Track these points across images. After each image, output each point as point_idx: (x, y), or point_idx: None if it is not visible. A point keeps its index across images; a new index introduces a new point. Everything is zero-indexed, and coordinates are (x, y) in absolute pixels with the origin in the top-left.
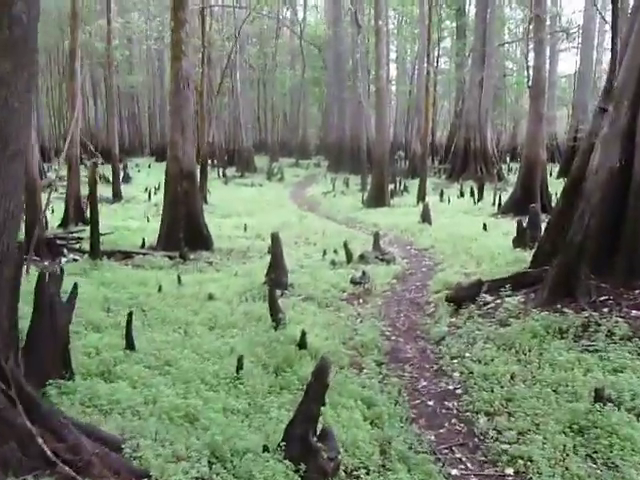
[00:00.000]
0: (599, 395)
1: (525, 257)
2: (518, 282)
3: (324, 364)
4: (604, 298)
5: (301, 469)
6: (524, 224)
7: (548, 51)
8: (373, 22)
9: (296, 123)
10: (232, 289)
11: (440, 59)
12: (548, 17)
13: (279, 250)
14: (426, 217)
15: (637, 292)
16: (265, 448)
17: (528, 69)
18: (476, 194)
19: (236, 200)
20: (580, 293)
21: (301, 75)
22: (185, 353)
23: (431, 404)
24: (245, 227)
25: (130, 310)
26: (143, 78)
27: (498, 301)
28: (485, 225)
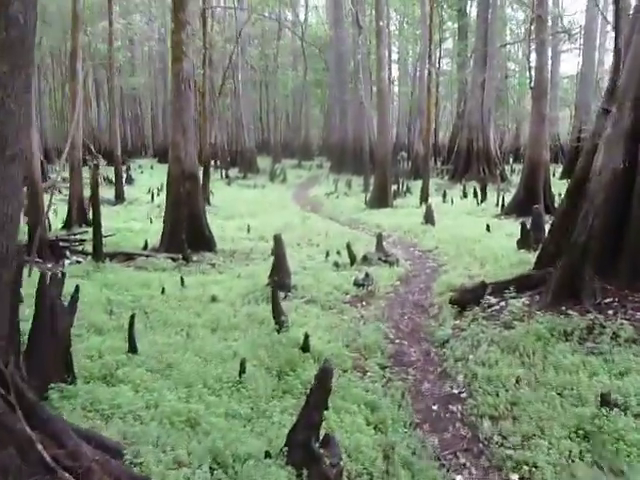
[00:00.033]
0: (605, 399)
1: (529, 259)
2: (522, 284)
3: (327, 368)
4: (609, 300)
5: (303, 475)
6: (528, 225)
7: (550, 52)
8: (374, 23)
9: (298, 124)
10: (235, 291)
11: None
12: (550, 18)
13: (282, 252)
14: (429, 218)
15: None
16: (267, 454)
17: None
18: (479, 195)
19: (239, 201)
20: (585, 295)
21: (303, 76)
22: (187, 356)
23: (435, 408)
24: (248, 228)
25: (133, 313)
26: (145, 80)
27: (502, 303)
28: (488, 226)
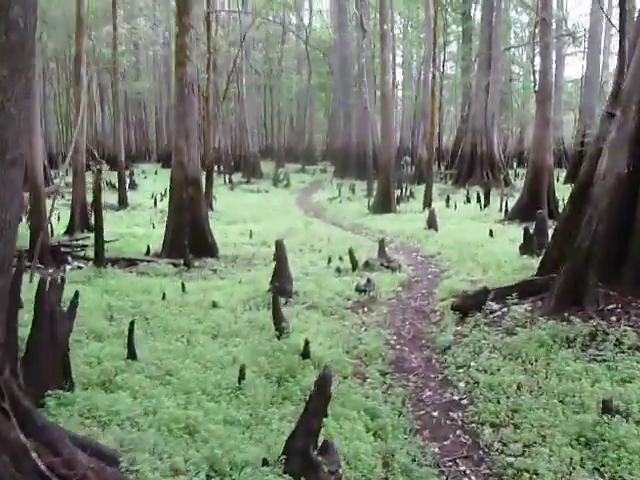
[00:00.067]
0: (607, 406)
1: (532, 264)
2: (525, 290)
3: (326, 375)
4: (612, 306)
5: None
6: (531, 230)
7: (554, 55)
8: (379, 27)
9: (302, 128)
10: (236, 297)
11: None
12: (554, 21)
13: (283, 257)
14: (432, 223)
15: None
16: (265, 461)
17: (534, 73)
18: (482, 200)
19: (242, 206)
20: (588, 301)
21: (307, 80)
22: (187, 362)
23: (436, 415)
24: (251, 234)
25: (133, 319)
26: (150, 84)
27: (504, 309)
28: (491, 231)
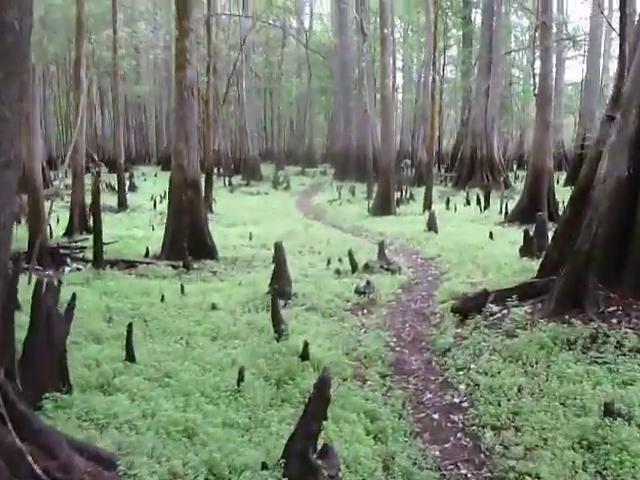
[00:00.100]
0: (609, 409)
1: (532, 266)
2: (525, 292)
3: (325, 377)
4: (613, 309)
5: None
6: (531, 233)
7: (555, 59)
8: (379, 30)
9: (302, 131)
10: (235, 299)
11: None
12: (554, 25)
13: (282, 260)
14: (432, 225)
15: None
16: (264, 465)
17: (534, 77)
18: (482, 202)
19: (242, 209)
20: (588, 303)
21: (307, 84)
22: (186, 365)
23: (436, 417)
24: (250, 236)
25: (131, 321)
26: (150, 87)
27: (505, 311)
28: (491, 234)
